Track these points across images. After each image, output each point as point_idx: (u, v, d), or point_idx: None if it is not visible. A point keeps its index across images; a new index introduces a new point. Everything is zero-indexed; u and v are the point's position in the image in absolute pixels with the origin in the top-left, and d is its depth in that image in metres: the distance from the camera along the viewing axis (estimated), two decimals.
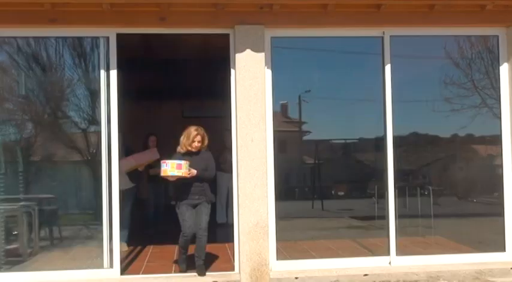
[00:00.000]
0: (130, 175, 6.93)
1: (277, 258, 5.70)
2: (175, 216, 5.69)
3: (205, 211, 5.64)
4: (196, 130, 5.62)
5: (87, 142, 6.08)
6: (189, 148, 5.60)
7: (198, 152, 5.66)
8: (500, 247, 6.01)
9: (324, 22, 5.65)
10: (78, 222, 6.19)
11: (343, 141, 6.93)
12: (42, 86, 6.10)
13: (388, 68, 5.89)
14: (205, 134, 5.67)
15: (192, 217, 5.58)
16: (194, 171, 5.46)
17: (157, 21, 5.48)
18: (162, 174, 5.42)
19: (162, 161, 5.44)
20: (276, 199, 5.72)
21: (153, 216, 8.46)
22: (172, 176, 5.40)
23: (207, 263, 6.19)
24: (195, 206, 5.64)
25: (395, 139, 5.90)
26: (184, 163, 5.37)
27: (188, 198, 5.61)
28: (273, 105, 5.75)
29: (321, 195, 6.62)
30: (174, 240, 7.35)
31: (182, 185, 5.55)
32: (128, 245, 7.02)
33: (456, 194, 6.80)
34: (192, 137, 5.58)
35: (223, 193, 8.91)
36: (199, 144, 5.61)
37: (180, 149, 5.64)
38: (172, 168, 5.35)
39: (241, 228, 5.52)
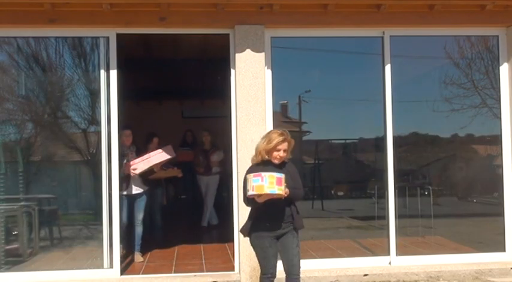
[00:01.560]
0: (143, 177, 6.49)
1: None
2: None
3: (295, 242, 4.22)
4: (281, 134, 4.08)
5: (87, 142, 6.07)
6: (270, 158, 4.08)
7: (281, 164, 4.14)
8: (500, 247, 6.01)
9: (324, 22, 5.65)
10: (78, 222, 6.19)
11: (343, 141, 6.93)
12: (42, 86, 6.10)
13: (388, 68, 5.89)
14: (292, 141, 4.17)
15: (277, 253, 4.21)
16: (286, 190, 3.96)
17: (157, 21, 5.48)
18: (255, 191, 3.82)
19: (254, 174, 3.85)
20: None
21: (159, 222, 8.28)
22: (270, 195, 3.85)
23: (207, 263, 6.19)
24: (279, 237, 4.16)
25: (395, 139, 5.90)
26: (284, 177, 3.90)
27: (272, 227, 4.09)
28: (273, 105, 5.75)
29: (321, 195, 6.62)
30: (174, 240, 7.37)
31: (267, 207, 3.98)
32: (142, 255, 6.49)
33: (456, 194, 6.80)
34: (276, 144, 4.05)
35: (208, 196, 8.80)
36: (284, 155, 4.10)
37: (254, 157, 4.19)
38: (271, 184, 3.79)
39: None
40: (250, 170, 4.03)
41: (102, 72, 5.68)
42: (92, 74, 5.98)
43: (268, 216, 4.04)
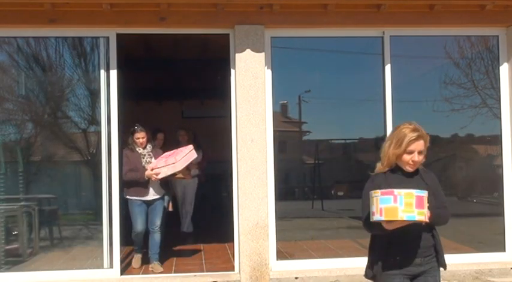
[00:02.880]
0: (161, 181, 5.94)
1: (277, 258, 5.71)
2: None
3: None
4: (414, 130, 3.03)
5: (87, 142, 6.07)
6: (400, 164, 3.05)
7: (415, 172, 3.13)
8: (500, 247, 6.01)
9: (324, 22, 5.65)
10: (78, 222, 6.19)
11: (343, 141, 6.93)
12: (42, 86, 6.10)
13: (388, 68, 5.89)
14: (427, 137, 3.12)
15: None
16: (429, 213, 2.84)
17: (157, 21, 5.49)
18: (385, 217, 2.69)
19: (383, 192, 2.72)
20: (276, 199, 5.72)
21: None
22: (405, 222, 2.72)
23: (207, 263, 6.19)
24: (415, 277, 2.98)
25: None
26: (426, 195, 2.82)
27: (405, 262, 2.91)
28: (273, 105, 5.75)
29: (321, 195, 6.62)
30: (173, 240, 7.36)
31: (398, 234, 2.82)
32: (161, 264, 5.99)
33: (456, 194, 6.80)
34: (408, 142, 3.00)
35: (187, 201, 8.24)
36: (421, 158, 3.09)
37: (380, 164, 3.14)
38: (409, 207, 2.67)
39: (241, 228, 5.52)
40: (374, 183, 2.97)
41: (102, 72, 5.68)
42: (92, 74, 5.98)
43: (400, 247, 2.88)
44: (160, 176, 5.72)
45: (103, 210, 5.55)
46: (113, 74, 5.62)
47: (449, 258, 5.99)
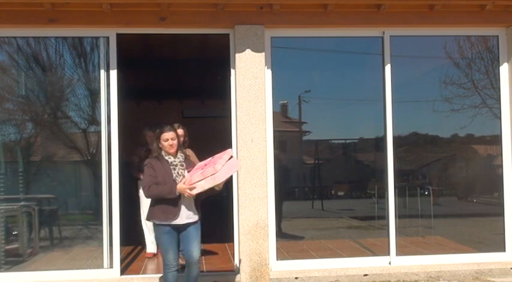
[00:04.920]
0: (197, 199, 4.57)
1: (277, 258, 5.71)
2: None
3: None
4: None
5: (87, 142, 6.07)
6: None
7: None
8: (500, 247, 6.01)
9: (324, 22, 5.65)
10: (78, 222, 6.19)
11: (343, 141, 6.93)
12: (42, 86, 6.10)
13: (388, 68, 5.89)
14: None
15: None
16: None
17: (157, 21, 5.49)
18: None
19: None
20: (276, 199, 5.72)
21: None
22: None
23: (207, 263, 6.19)
24: None
25: (395, 139, 5.90)
26: None
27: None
28: (273, 105, 5.75)
29: (321, 195, 6.62)
30: None
31: None
32: None
33: (456, 194, 6.80)
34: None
35: None
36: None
37: None
38: None
39: (241, 228, 5.52)
40: None
41: (102, 72, 5.68)
42: (92, 74, 5.98)
43: None
44: (195, 191, 4.34)
45: (103, 210, 5.55)
46: (113, 74, 5.62)
47: (449, 258, 6.06)
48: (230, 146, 5.73)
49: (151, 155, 4.56)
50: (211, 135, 8.96)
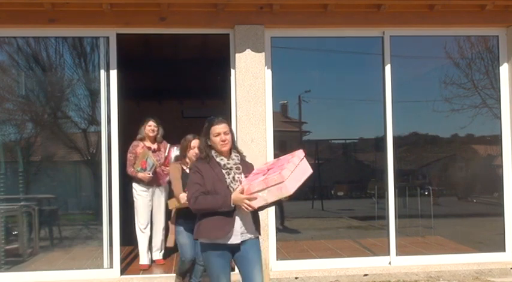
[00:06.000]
0: (255, 212, 3.50)
1: (277, 258, 5.71)
2: None
3: None
4: None
5: (87, 142, 6.08)
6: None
7: None
8: (500, 247, 6.01)
9: (324, 22, 5.65)
10: (78, 222, 6.19)
11: (343, 141, 6.93)
12: (42, 86, 6.10)
13: (388, 68, 5.89)
14: None
15: None
16: None
17: (157, 21, 5.48)
18: None
19: None
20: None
21: None
22: None
23: None
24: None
25: (395, 139, 5.90)
26: None
27: None
28: (273, 105, 5.75)
29: (321, 195, 6.62)
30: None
31: None
32: None
33: (456, 194, 6.81)
34: None
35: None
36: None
37: None
38: None
39: None
40: None
41: (102, 72, 5.68)
42: (92, 74, 5.98)
43: None
44: (257, 204, 3.28)
45: (103, 210, 5.55)
46: (113, 74, 5.62)
47: (449, 258, 6.05)
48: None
49: (199, 156, 3.58)
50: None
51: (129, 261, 6.28)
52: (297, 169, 3.30)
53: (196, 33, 5.90)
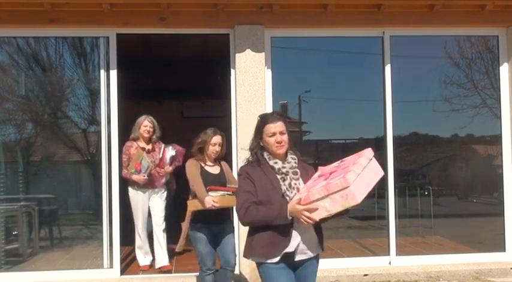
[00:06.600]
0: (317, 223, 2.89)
1: None
2: None
3: None
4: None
5: (87, 142, 6.07)
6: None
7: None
8: (500, 247, 6.01)
9: (324, 22, 5.65)
10: (78, 222, 6.19)
11: (343, 141, 6.93)
12: (42, 86, 6.10)
13: (388, 68, 5.89)
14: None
15: None
16: None
17: (157, 21, 5.48)
18: None
19: None
20: None
21: None
22: None
23: None
24: None
25: (395, 139, 5.90)
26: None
27: None
28: (273, 105, 5.75)
29: None
30: (174, 240, 7.34)
31: None
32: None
33: (456, 194, 6.80)
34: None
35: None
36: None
37: None
38: None
39: (241, 228, 5.51)
40: None
41: (102, 72, 5.68)
42: (92, 74, 5.98)
43: None
44: (318, 216, 2.71)
45: (103, 210, 5.55)
46: (113, 74, 5.62)
47: (449, 258, 6.04)
48: (230, 147, 5.72)
49: (248, 160, 3.03)
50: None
51: (129, 261, 6.28)
52: (365, 171, 2.76)
53: (196, 33, 5.90)
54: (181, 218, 4.52)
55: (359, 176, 2.65)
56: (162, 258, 5.80)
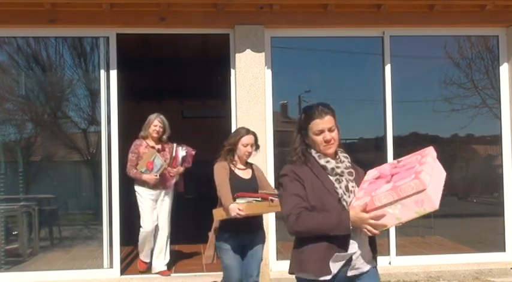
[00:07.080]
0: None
1: (277, 258, 5.70)
2: None
3: None
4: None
5: (87, 142, 6.07)
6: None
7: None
8: (500, 247, 6.01)
9: (324, 22, 5.65)
10: (78, 222, 6.19)
11: (343, 141, 6.90)
12: (42, 86, 6.10)
13: (388, 68, 5.89)
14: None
15: None
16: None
17: (157, 21, 5.49)
18: None
19: None
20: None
21: None
22: None
23: (208, 263, 6.18)
24: None
25: (395, 139, 5.90)
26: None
27: None
28: (273, 105, 5.75)
29: None
30: (174, 240, 7.34)
31: None
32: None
33: (456, 194, 6.80)
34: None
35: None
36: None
37: None
38: None
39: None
40: None
41: (102, 72, 5.68)
42: (92, 74, 5.98)
43: None
44: (388, 225, 2.30)
45: (103, 210, 5.55)
46: (113, 74, 5.62)
47: (449, 258, 6.03)
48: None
49: (290, 157, 2.54)
50: (210, 135, 8.94)
51: (129, 261, 6.28)
52: (434, 172, 2.32)
53: (196, 33, 5.90)
54: (180, 218, 4.50)
55: (432, 177, 2.22)
56: (160, 264, 5.66)
